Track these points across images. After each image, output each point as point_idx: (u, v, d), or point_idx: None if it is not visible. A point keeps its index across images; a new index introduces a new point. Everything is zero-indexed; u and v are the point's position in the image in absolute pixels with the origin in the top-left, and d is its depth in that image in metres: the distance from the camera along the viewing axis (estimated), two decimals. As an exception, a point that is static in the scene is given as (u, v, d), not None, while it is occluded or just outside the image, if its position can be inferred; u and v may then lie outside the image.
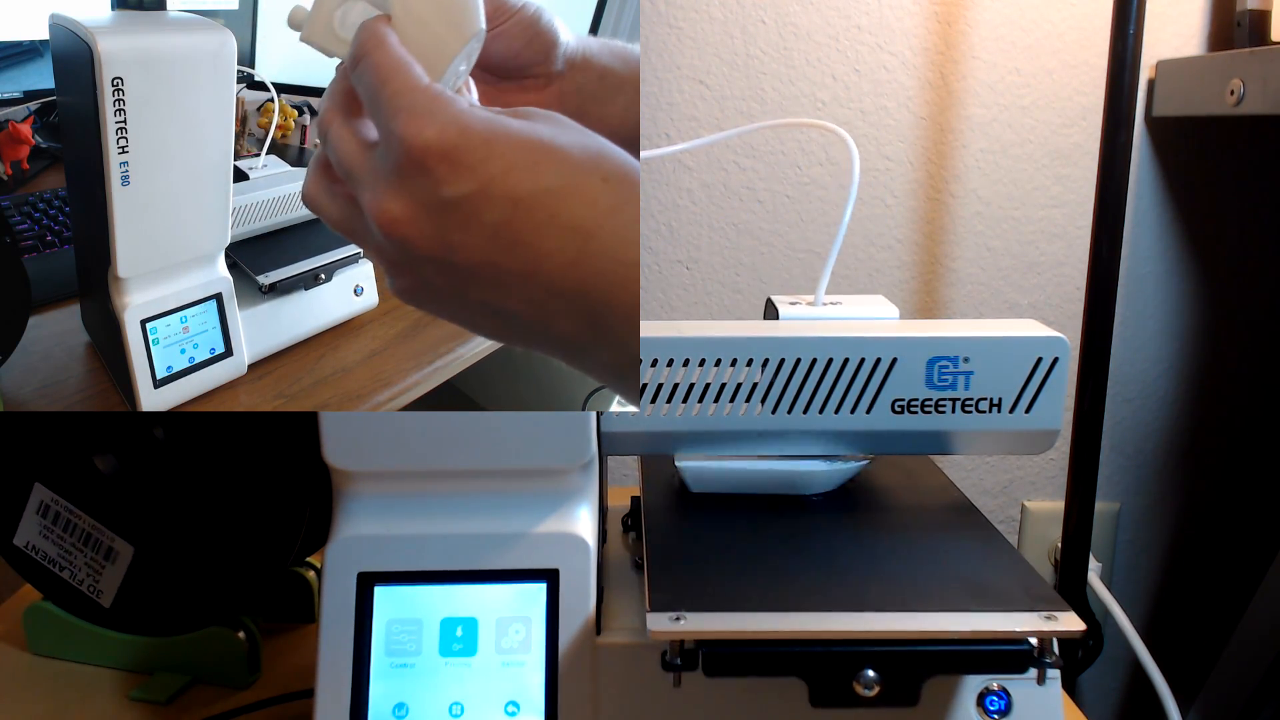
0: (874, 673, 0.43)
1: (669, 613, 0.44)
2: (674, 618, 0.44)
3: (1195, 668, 1.02)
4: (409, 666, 0.49)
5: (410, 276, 0.35)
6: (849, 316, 0.57)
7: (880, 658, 0.44)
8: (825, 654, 0.44)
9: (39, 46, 0.86)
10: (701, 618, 0.44)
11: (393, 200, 0.33)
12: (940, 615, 0.44)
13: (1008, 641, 0.43)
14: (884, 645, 0.44)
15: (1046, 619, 0.43)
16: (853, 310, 0.58)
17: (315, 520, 0.62)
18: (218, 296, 0.64)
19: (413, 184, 0.33)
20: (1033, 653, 0.44)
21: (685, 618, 0.44)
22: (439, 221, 0.33)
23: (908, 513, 0.57)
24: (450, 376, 0.75)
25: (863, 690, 0.43)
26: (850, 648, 0.44)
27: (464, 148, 0.32)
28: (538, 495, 0.52)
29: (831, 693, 0.45)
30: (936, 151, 0.93)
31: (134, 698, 0.65)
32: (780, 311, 0.58)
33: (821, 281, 0.59)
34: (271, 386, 0.69)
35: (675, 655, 0.44)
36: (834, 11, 0.91)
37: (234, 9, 0.92)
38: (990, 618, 0.44)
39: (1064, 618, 0.43)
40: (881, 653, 0.44)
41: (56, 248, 0.75)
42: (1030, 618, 0.44)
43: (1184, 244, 0.97)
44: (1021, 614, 0.44)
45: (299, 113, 0.95)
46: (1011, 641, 0.43)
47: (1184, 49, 0.92)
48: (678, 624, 0.43)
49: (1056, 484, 1.01)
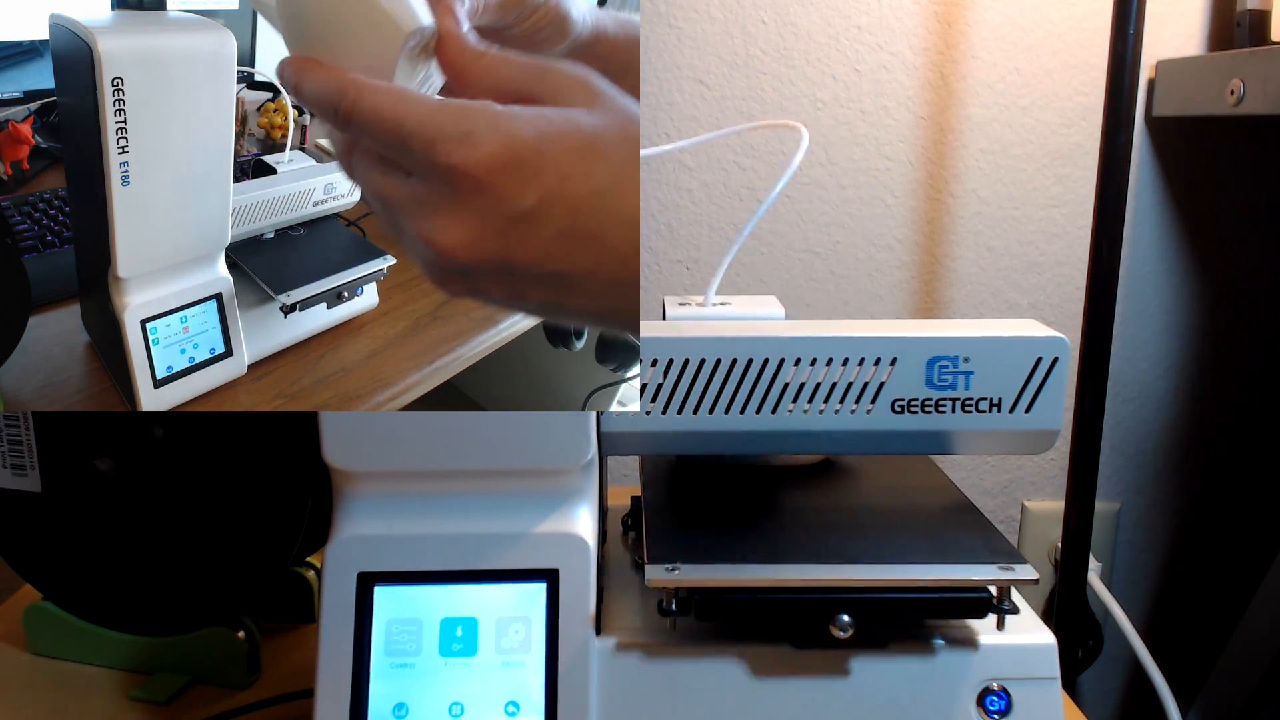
0: (848, 617, 0.48)
1: (665, 564, 0.49)
2: (669, 569, 0.48)
3: (1195, 668, 1.02)
4: (409, 666, 0.49)
5: (462, 286, 0.34)
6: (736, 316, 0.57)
7: (853, 604, 0.48)
8: (804, 600, 0.49)
9: (39, 46, 0.86)
10: (695, 569, 0.49)
11: (449, 229, 0.32)
12: (908, 567, 0.49)
13: (968, 589, 0.48)
14: (857, 592, 0.48)
15: (1003, 569, 0.49)
16: (741, 310, 0.58)
17: (315, 520, 0.62)
18: (218, 296, 0.64)
19: (471, 206, 0.32)
20: (991, 600, 0.48)
21: (680, 568, 0.49)
22: (500, 239, 0.32)
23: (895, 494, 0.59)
24: (450, 376, 0.75)
25: (838, 633, 0.48)
26: (827, 595, 0.48)
27: (518, 160, 0.31)
28: (538, 495, 0.52)
29: (810, 635, 0.49)
30: (936, 151, 0.93)
31: (134, 698, 0.65)
32: (668, 312, 0.58)
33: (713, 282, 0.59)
34: (271, 386, 0.69)
35: (670, 602, 0.49)
36: (834, 11, 0.91)
37: (234, 9, 0.92)
38: (953, 569, 0.49)
39: (1020, 569, 0.48)
40: (855, 599, 0.48)
41: (56, 248, 0.75)
42: (989, 569, 0.49)
43: (1184, 244, 0.97)
44: (981, 565, 0.49)
45: (299, 112, 0.95)
46: (972, 589, 0.48)
47: (1184, 49, 0.92)
48: (673, 574, 0.48)
49: (1056, 484, 1.01)
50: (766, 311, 0.58)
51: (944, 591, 0.49)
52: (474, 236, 0.32)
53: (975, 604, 0.49)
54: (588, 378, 0.98)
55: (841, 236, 0.95)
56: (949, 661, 0.50)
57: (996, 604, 0.49)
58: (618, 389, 0.93)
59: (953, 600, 0.49)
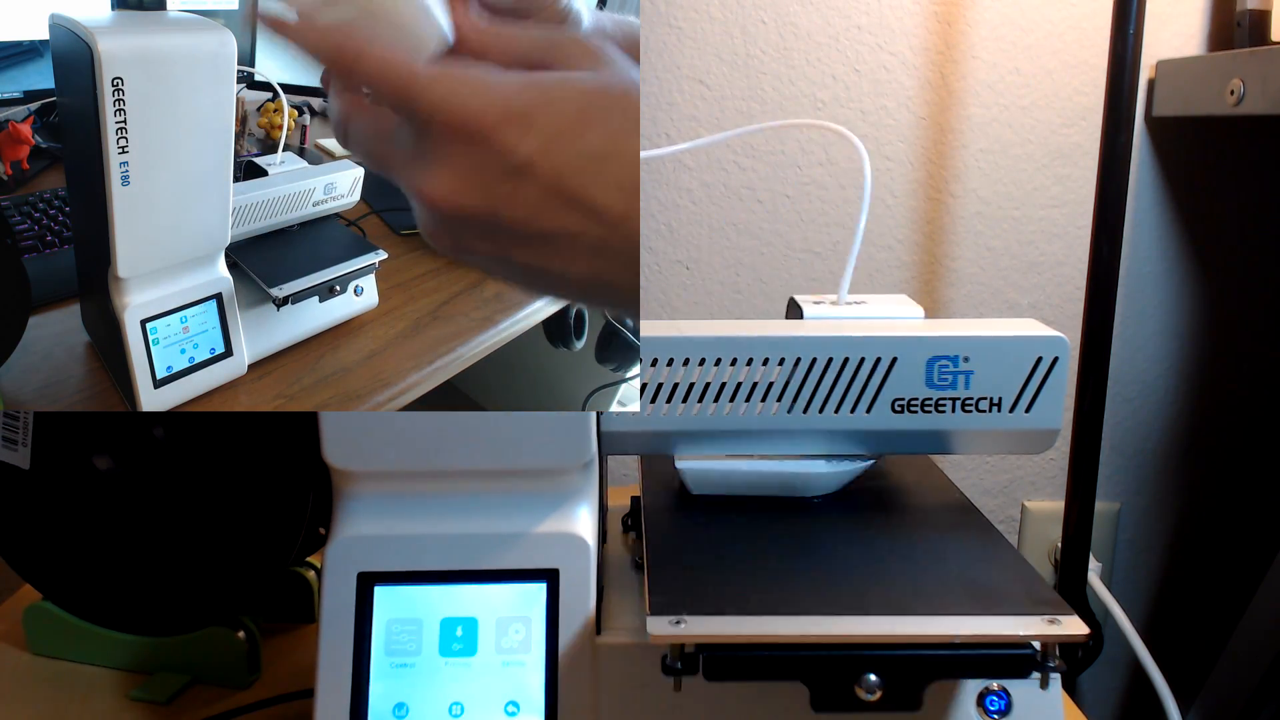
0: (876, 677, 0.43)
1: (669, 616, 0.44)
2: (674, 621, 0.43)
3: (1195, 668, 1.02)
4: (409, 666, 0.49)
5: (449, 241, 0.34)
6: (873, 316, 0.56)
7: (882, 662, 0.43)
8: (826, 658, 0.43)
9: (39, 46, 0.86)
10: (702, 621, 0.44)
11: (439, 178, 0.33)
12: (942, 619, 0.43)
13: (1011, 645, 0.43)
14: (885, 649, 0.43)
15: (1050, 622, 0.43)
16: (877, 309, 0.57)
17: (315, 520, 0.62)
18: (218, 296, 0.64)
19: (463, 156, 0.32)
20: (1035, 656, 0.43)
21: (685, 621, 0.43)
22: (488, 191, 0.32)
23: (908, 514, 0.57)
24: (450, 376, 0.75)
25: (864, 694, 0.43)
26: (851, 651, 0.43)
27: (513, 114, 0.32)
28: (538, 495, 0.52)
29: (833, 697, 0.44)
30: (936, 151, 0.93)
31: (134, 698, 0.65)
32: (805, 311, 0.57)
33: (844, 280, 0.58)
34: (271, 386, 0.68)
35: (675, 659, 0.44)
36: (834, 11, 0.91)
37: (234, 9, 0.92)
38: (993, 621, 0.44)
39: (1067, 621, 0.43)
40: (883, 657, 0.43)
41: (56, 248, 0.75)
42: (1033, 621, 0.43)
43: (1184, 244, 0.97)
44: (1024, 618, 0.44)
45: (299, 112, 0.95)
46: (1014, 645, 0.43)
47: (1184, 49, 0.92)
48: (678, 628, 0.43)
49: (1056, 484, 1.01)
50: (902, 311, 0.56)
51: (984, 649, 0.43)
52: (463, 184, 0.33)
53: (1018, 661, 0.43)
54: (588, 378, 0.98)
55: (841, 236, 0.95)
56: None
57: (1041, 661, 0.43)
58: (618, 389, 0.93)
59: (994, 658, 0.43)
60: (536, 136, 0.32)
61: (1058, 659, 0.43)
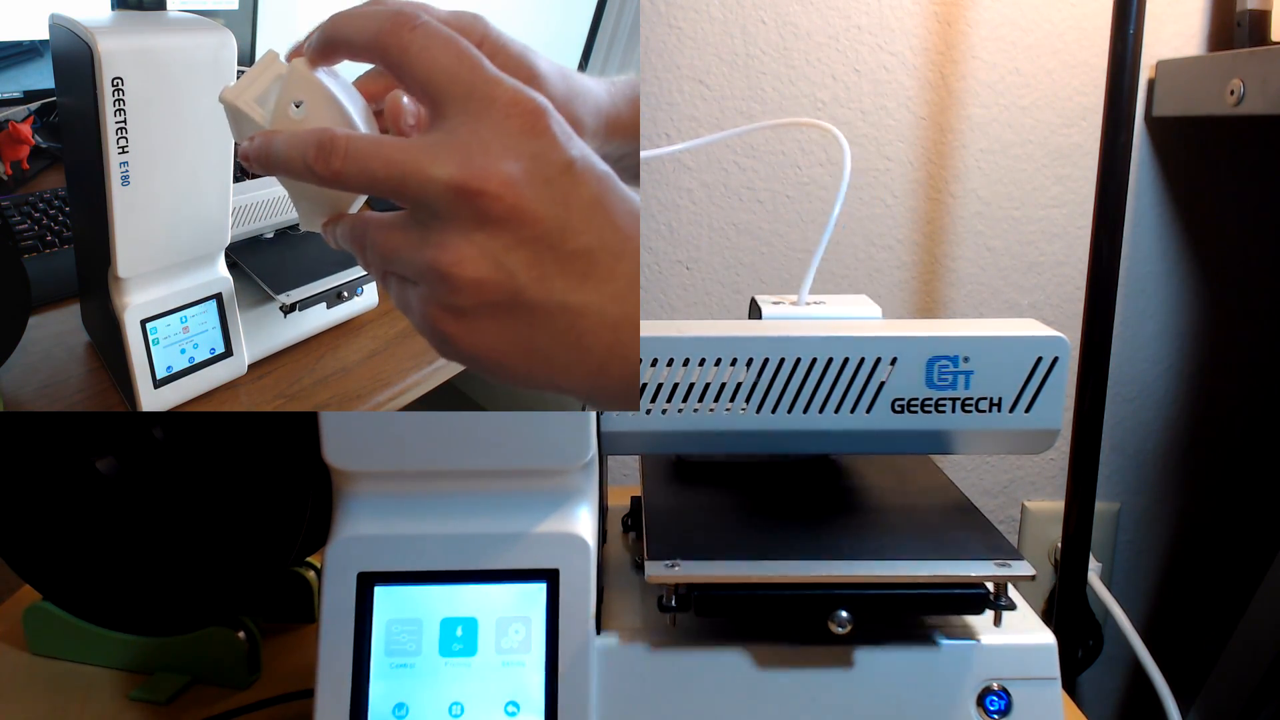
0: (846, 613, 0.48)
1: (665, 560, 0.49)
2: (669, 565, 0.49)
3: (1195, 668, 1.02)
4: (409, 666, 0.49)
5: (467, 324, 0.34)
6: (832, 316, 0.57)
7: (852, 600, 0.49)
8: (803, 596, 0.49)
9: (39, 46, 0.86)
10: (694, 565, 0.49)
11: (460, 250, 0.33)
12: (905, 563, 0.49)
13: (965, 585, 0.49)
14: (855, 588, 0.49)
15: (1000, 565, 0.49)
16: (836, 309, 0.58)
17: (315, 520, 0.62)
18: (218, 296, 0.64)
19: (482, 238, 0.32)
20: (988, 595, 0.49)
21: (680, 565, 0.49)
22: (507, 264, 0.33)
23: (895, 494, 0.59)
24: (450, 376, 0.75)
25: (836, 629, 0.48)
26: (825, 591, 0.49)
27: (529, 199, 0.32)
28: (538, 495, 0.52)
29: (809, 631, 0.49)
30: (936, 151, 0.93)
31: (134, 698, 0.65)
32: (764, 311, 0.58)
33: (806, 281, 0.59)
34: (271, 386, 0.69)
35: (670, 598, 0.49)
36: (834, 11, 0.91)
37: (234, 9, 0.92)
38: (950, 565, 0.49)
39: (1017, 565, 0.49)
40: (853, 595, 0.49)
41: (56, 248, 0.75)
42: (986, 565, 0.49)
43: (1184, 244, 0.97)
44: (979, 561, 0.49)
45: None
46: (969, 585, 0.49)
47: (1184, 49, 0.92)
48: (673, 570, 0.48)
49: (1056, 484, 1.01)
50: (861, 311, 0.59)
51: (940, 588, 0.49)
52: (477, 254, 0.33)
53: (972, 600, 0.49)
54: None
55: (841, 236, 0.95)
56: (949, 661, 0.50)
57: (994, 600, 0.49)
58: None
59: (949, 596, 0.49)
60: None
61: (1009, 599, 0.49)
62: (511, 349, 0.33)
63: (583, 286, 0.32)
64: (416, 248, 0.33)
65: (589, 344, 0.32)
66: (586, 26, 0.98)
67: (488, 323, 0.33)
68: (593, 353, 0.33)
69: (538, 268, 0.32)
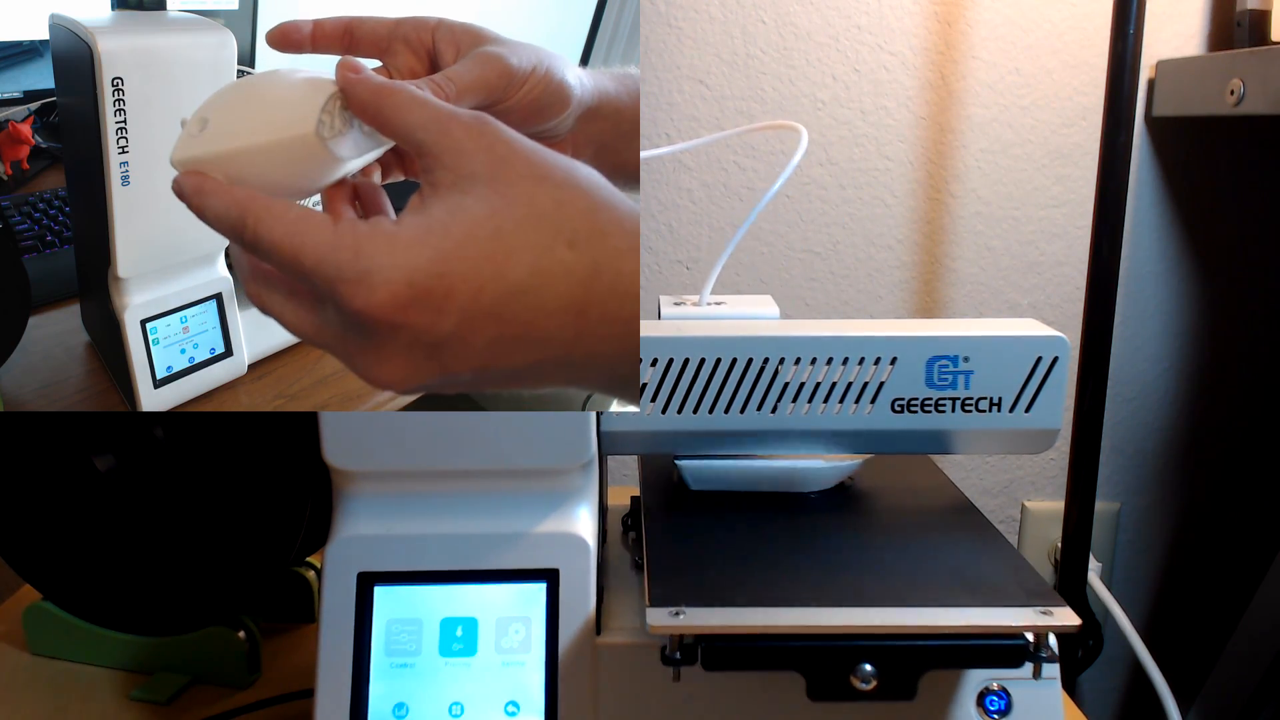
0: (871, 667, 0.44)
1: (668, 608, 0.44)
2: (673, 613, 0.44)
3: (1195, 668, 1.02)
4: (409, 666, 0.49)
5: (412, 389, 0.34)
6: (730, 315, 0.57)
7: (877, 652, 0.44)
8: (823, 648, 0.44)
9: (39, 46, 0.86)
10: (700, 612, 0.44)
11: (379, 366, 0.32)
12: (936, 610, 0.44)
13: (1003, 636, 0.44)
14: (880, 640, 0.44)
15: (1042, 614, 0.44)
16: (735, 309, 0.58)
17: (315, 520, 0.62)
18: (218, 296, 0.64)
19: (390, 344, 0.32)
20: (1028, 647, 0.44)
21: (684, 613, 0.44)
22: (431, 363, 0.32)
23: (907, 512, 0.57)
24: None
25: (860, 684, 0.44)
26: (847, 642, 0.44)
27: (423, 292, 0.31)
28: (538, 495, 0.52)
29: (829, 686, 0.45)
30: (936, 151, 0.93)
31: (134, 698, 0.65)
32: (663, 311, 0.58)
33: (709, 279, 0.59)
34: (271, 386, 0.69)
35: (675, 650, 0.44)
36: (834, 11, 0.91)
37: (234, 9, 0.92)
38: (986, 613, 0.44)
39: (1059, 613, 0.43)
40: (878, 647, 0.44)
41: (56, 248, 0.75)
42: (1026, 613, 0.44)
43: (1184, 244, 0.97)
44: (1017, 609, 0.44)
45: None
46: (1007, 636, 0.44)
47: (1184, 49, 0.92)
48: (677, 619, 0.44)
49: (1056, 484, 1.01)
50: (761, 311, 0.58)
51: (977, 639, 0.44)
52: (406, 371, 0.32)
53: (1011, 652, 0.44)
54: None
55: (841, 236, 0.95)
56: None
57: (1034, 652, 0.44)
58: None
59: (987, 649, 0.44)
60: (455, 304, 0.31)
61: (1051, 650, 0.44)
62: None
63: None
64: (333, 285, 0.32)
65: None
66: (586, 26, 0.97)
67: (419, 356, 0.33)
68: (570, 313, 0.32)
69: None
